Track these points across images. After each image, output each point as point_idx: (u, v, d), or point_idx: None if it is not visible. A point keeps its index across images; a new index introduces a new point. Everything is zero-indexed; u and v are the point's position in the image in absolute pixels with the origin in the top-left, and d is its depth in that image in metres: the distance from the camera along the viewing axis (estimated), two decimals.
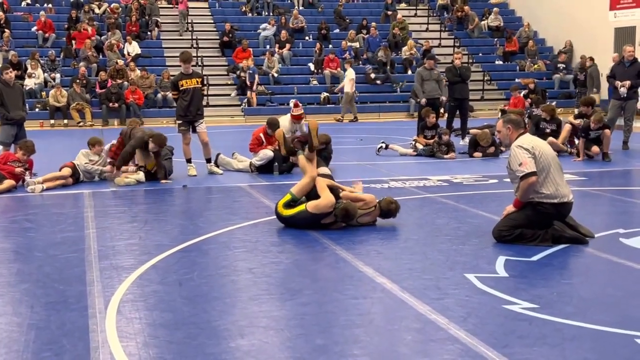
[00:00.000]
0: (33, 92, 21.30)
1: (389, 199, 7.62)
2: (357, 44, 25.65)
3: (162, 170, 10.64)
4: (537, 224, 6.59)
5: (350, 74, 21.88)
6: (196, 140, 11.32)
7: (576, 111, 15.82)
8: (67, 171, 10.36)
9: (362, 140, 15.98)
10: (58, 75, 22.41)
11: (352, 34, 25.95)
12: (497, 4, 29.52)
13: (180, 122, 11.17)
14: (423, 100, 14.55)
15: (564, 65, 24.89)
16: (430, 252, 6.44)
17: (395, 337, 4.41)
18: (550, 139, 12.37)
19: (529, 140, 6.70)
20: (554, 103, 18.69)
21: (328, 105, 23.34)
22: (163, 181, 10.56)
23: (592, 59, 23.45)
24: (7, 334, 4.49)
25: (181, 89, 11.01)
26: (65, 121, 21.06)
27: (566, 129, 13.23)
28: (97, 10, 25.98)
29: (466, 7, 28.26)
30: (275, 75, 23.91)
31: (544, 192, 6.52)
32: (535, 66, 25.84)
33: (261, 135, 11.61)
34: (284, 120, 11.86)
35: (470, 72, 16.15)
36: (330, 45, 25.54)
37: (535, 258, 6.14)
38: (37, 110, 20.94)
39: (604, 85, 21.93)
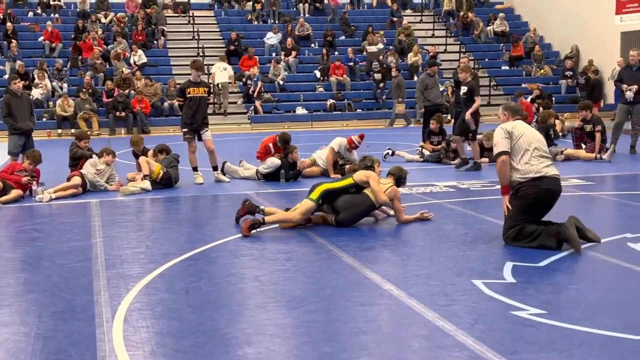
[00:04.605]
0: (40, 101, 21.35)
1: (397, 167, 8.39)
2: (376, 48, 25.52)
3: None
4: (533, 212, 6.64)
5: (215, 67, 22.66)
6: (202, 149, 11.34)
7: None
8: (77, 180, 10.38)
9: (369, 147, 15.97)
10: (65, 85, 22.50)
11: (380, 35, 26.16)
12: (502, 9, 29.49)
13: (185, 130, 11.18)
14: (421, 110, 14.69)
15: (572, 73, 24.78)
16: (437, 258, 6.43)
17: (403, 344, 4.40)
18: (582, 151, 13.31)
19: (514, 124, 6.79)
20: (566, 115, 18.76)
21: (334, 112, 23.36)
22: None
23: (596, 71, 23.40)
24: (14, 343, 4.50)
25: (188, 96, 11.02)
26: (73, 130, 20.92)
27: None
28: (103, 20, 26.06)
29: (470, 14, 28.20)
30: (281, 82, 23.94)
31: (518, 169, 6.62)
32: (542, 71, 25.80)
33: (270, 145, 11.60)
34: (341, 139, 12.04)
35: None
36: (336, 52, 25.55)
37: (542, 263, 6.12)
38: (44, 119, 20.98)
39: (611, 89, 21.91)
